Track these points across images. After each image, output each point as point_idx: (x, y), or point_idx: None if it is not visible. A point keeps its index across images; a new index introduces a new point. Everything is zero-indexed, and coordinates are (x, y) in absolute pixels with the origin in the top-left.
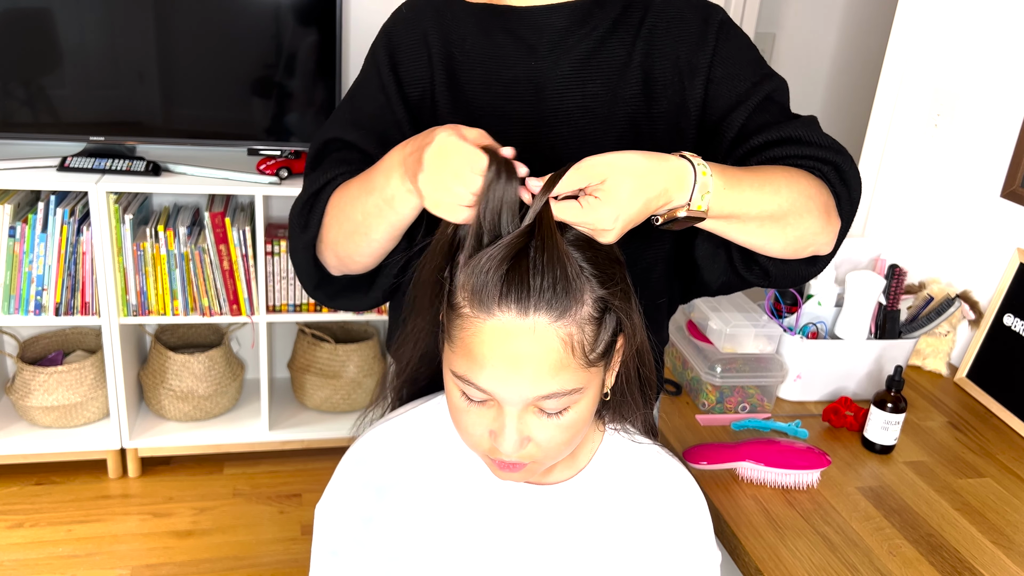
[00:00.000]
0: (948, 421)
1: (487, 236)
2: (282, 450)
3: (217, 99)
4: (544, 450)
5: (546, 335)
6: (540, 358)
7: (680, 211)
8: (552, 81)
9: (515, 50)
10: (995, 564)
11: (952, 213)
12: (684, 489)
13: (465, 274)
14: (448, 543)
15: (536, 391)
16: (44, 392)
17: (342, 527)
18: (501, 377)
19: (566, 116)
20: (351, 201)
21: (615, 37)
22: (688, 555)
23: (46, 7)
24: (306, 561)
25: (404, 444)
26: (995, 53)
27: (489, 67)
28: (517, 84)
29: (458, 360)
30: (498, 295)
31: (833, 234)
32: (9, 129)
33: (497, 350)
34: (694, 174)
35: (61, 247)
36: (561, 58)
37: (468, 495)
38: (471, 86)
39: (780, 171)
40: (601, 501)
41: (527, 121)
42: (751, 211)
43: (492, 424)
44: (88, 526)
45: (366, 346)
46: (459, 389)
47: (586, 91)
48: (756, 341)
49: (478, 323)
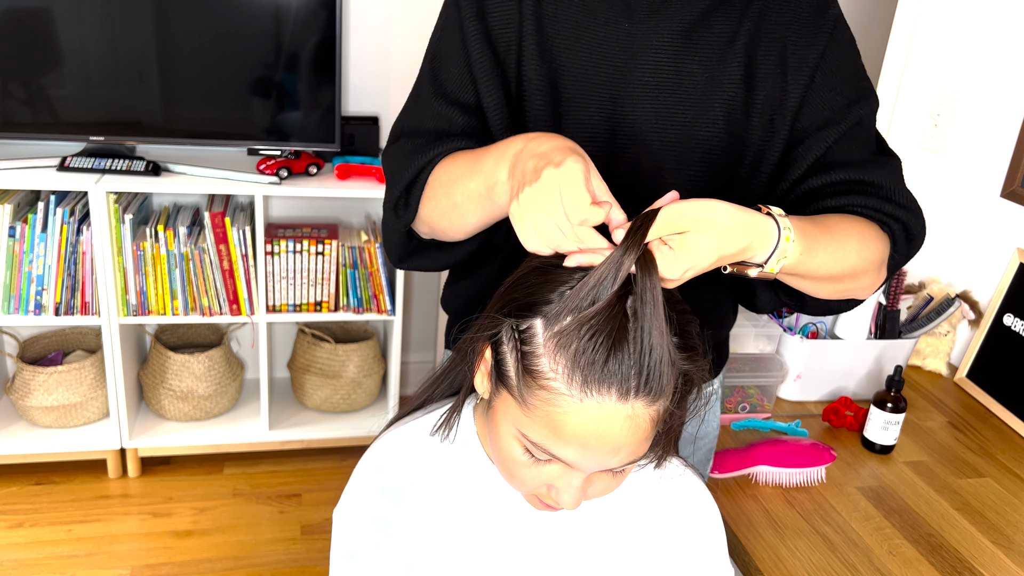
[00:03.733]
0: (948, 421)
1: (586, 301)
2: (282, 450)
3: (217, 99)
4: (596, 496)
5: (641, 418)
6: (633, 438)
7: (751, 270)
8: (645, 50)
9: (610, 7)
10: (995, 564)
11: (952, 213)
12: (699, 502)
13: (556, 344)
14: (463, 547)
15: (619, 464)
16: (44, 392)
17: (359, 530)
18: (589, 455)
19: (655, 90)
20: (455, 180)
21: (720, 11)
22: (701, 567)
23: (46, 7)
24: (306, 561)
25: (419, 448)
26: (995, 53)
27: (578, 21)
28: (606, 46)
29: (534, 428)
30: (600, 376)
31: (876, 287)
32: (9, 129)
33: (592, 432)
34: (777, 238)
35: (61, 247)
36: (660, 25)
37: (483, 500)
38: (557, 40)
39: (855, 231)
40: (615, 510)
41: (611, 89)
42: (817, 272)
43: (554, 481)
44: (88, 526)
45: (366, 346)
46: (523, 447)
47: (680, 66)
48: (756, 341)
49: (571, 402)
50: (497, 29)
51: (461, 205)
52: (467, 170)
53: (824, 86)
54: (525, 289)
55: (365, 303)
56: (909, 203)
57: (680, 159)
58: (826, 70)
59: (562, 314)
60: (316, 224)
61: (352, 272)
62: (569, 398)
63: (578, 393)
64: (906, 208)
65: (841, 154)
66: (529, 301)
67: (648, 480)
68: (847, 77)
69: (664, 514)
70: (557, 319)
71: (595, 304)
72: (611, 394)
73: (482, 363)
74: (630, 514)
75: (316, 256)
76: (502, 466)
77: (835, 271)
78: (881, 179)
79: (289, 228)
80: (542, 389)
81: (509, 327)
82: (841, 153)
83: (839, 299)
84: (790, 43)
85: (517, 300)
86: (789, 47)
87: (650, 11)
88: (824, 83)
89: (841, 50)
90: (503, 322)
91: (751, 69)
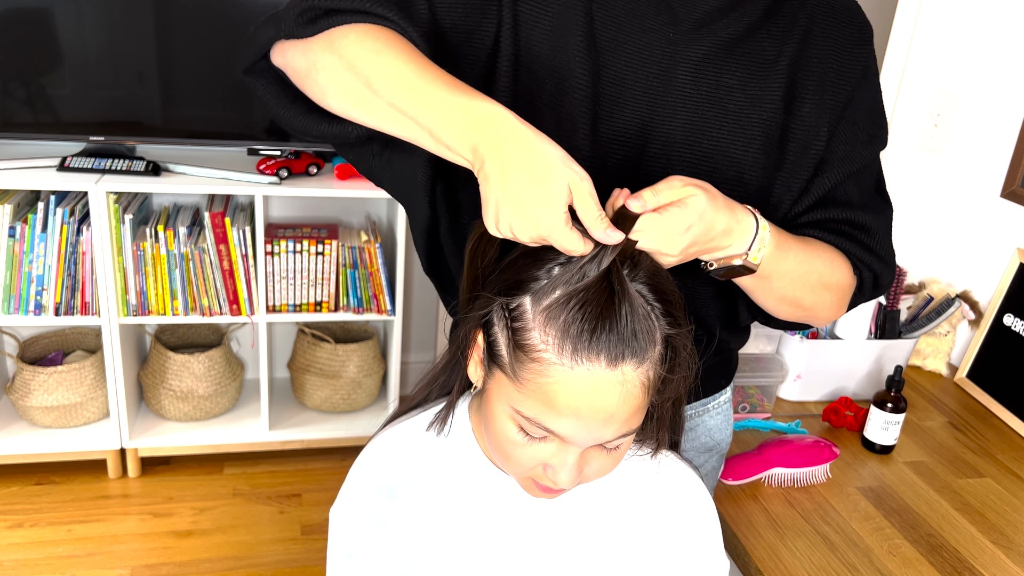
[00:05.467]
0: (948, 421)
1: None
2: (282, 450)
3: (217, 99)
4: (592, 478)
5: (632, 383)
6: (625, 407)
7: (736, 259)
8: (687, 61)
9: (656, 14)
10: (995, 564)
11: (952, 213)
12: (693, 493)
13: (545, 317)
14: (460, 543)
15: (613, 435)
16: (44, 392)
17: (356, 528)
18: (583, 426)
19: (693, 102)
20: (390, 71)
21: (764, 30)
22: (696, 561)
23: (46, 7)
24: (306, 561)
25: (415, 445)
26: (995, 53)
27: (623, 24)
28: (647, 52)
29: (528, 402)
30: (589, 343)
31: (830, 320)
32: (9, 129)
33: (584, 400)
34: (756, 227)
35: (61, 247)
36: (704, 38)
37: (479, 495)
38: (603, 42)
39: (825, 254)
40: (612, 503)
41: (648, 95)
42: (784, 278)
43: (549, 459)
44: (88, 526)
45: (366, 346)
46: (517, 425)
47: (720, 81)
48: (756, 341)
49: (563, 371)
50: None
51: (383, 116)
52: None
53: (850, 120)
54: (514, 270)
55: (365, 303)
56: (888, 257)
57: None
58: (856, 105)
59: (550, 289)
60: (316, 224)
61: (352, 272)
62: (560, 367)
63: (568, 362)
64: (884, 262)
65: (844, 192)
66: (517, 280)
67: (643, 472)
68: (870, 113)
69: (659, 507)
70: (546, 294)
71: (584, 280)
72: (600, 361)
73: (475, 350)
74: (626, 506)
75: (316, 256)
76: (497, 449)
77: (800, 281)
78: (873, 225)
79: (289, 228)
80: (534, 362)
81: (500, 306)
82: (844, 191)
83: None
84: (830, 72)
85: (507, 280)
86: (829, 75)
87: (697, 23)
88: (851, 117)
89: (870, 85)
90: (494, 301)
91: (791, 92)
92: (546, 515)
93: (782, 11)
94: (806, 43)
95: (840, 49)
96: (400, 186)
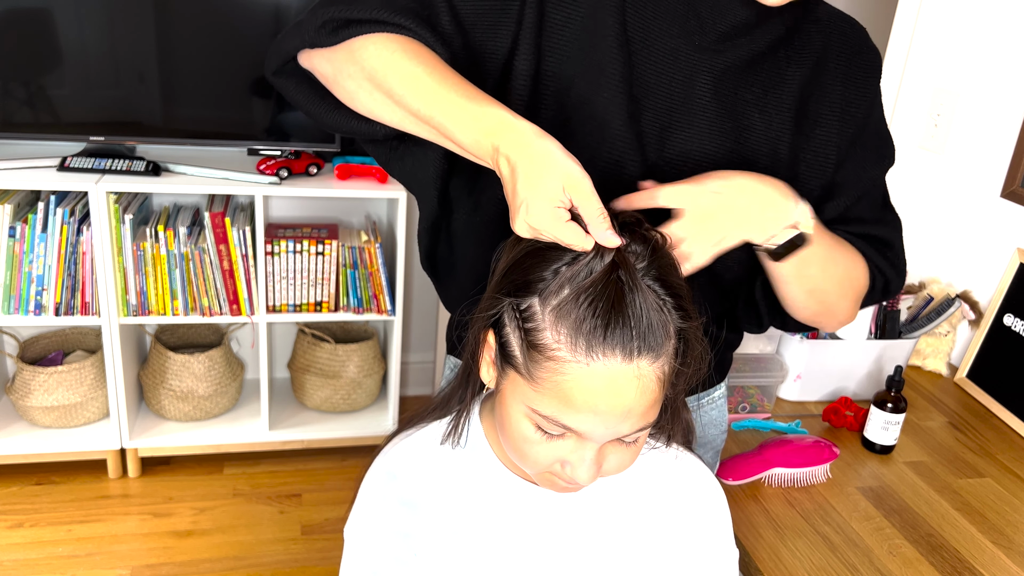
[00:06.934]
0: (948, 421)
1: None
2: (282, 450)
3: (217, 99)
4: (611, 472)
5: (648, 377)
6: (642, 400)
7: (791, 230)
8: (708, 71)
9: (684, 21)
10: (995, 564)
11: (952, 213)
12: (703, 484)
13: (556, 315)
14: (484, 553)
15: (630, 429)
16: (44, 392)
17: (380, 545)
18: (601, 422)
19: (712, 113)
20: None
21: (783, 50)
22: (707, 550)
23: (46, 7)
24: (306, 561)
25: (431, 457)
26: (995, 53)
27: (652, 27)
28: (671, 59)
29: (544, 400)
30: (603, 339)
31: (844, 324)
32: (9, 129)
33: (601, 396)
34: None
35: (61, 247)
36: (728, 51)
37: (498, 504)
38: (634, 44)
39: (851, 251)
40: (631, 505)
41: (668, 102)
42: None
43: (567, 456)
44: (88, 526)
45: (366, 346)
46: (534, 424)
47: (739, 96)
48: (756, 341)
49: (579, 368)
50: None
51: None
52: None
53: (862, 145)
54: (521, 271)
55: (365, 303)
56: (903, 268)
57: None
58: (868, 131)
59: (558, 288)
60: (316, 224)
61: (352, 272)
62: (576, 364)
63: (584, 358)
64: (897, 270)
65: (856, 212)
66: (525, 280)
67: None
68: (878, 135)
69: (669, 497)
70: (554, 293)
71: (591, 276)
72: (616, 355)
73: (486, 350)
74: (644, 506)
75: (316, 256)
76: (514, 448)
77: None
78: (890, 238)
79: (289, 228)
80: (549, 360)
81: (510, 307)
82: (856, 211)
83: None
84: (843, 100)
85: (515, 281)
86: (841, 103)
87: (723, 36)
88: (863, 143)
89: (881, 111)
90: (503, 302)
91: (803, 113)
92: (566, 520)
93: (800, 32)
94: (821, 69)
95: (853, 78)
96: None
